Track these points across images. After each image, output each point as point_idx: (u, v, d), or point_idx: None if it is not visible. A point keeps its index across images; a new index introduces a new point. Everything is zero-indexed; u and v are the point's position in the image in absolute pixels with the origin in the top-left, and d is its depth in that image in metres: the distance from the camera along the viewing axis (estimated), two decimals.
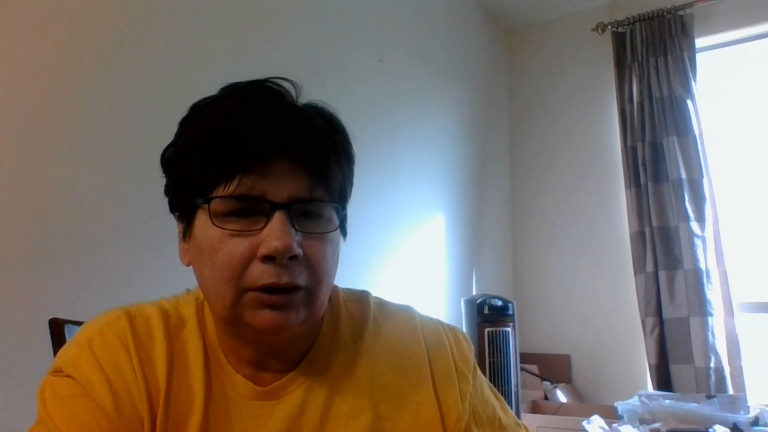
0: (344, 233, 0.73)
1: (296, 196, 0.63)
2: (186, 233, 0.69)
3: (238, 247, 0.62)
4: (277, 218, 0.62)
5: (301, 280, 0.63)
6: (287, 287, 0.62)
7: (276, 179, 0.63)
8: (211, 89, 0.70)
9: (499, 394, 0.82)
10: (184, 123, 0.69)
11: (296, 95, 0.69)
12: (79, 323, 0.78)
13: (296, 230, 0.63)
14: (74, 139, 1.37)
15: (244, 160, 0.62)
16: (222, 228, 0.63)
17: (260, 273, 0.62)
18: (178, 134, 0.69)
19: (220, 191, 0.63)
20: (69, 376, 0.66)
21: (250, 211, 0.63)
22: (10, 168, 1.25)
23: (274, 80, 0.68)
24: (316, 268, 0.64)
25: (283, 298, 0.62)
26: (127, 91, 1.48)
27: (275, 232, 0.61)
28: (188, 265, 0.69)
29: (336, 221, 0.67)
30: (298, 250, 0.62)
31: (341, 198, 0.69)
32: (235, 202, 0.63)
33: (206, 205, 0.63)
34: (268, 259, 0.61)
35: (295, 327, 0.64)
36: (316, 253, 0.64)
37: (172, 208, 0.70)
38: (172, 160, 0.68)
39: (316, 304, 0.66)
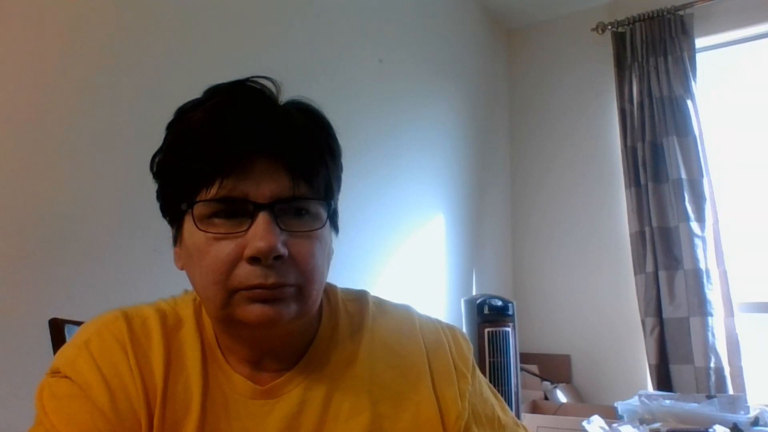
0: (336, 229, 0.72)
1: (279, 196, 0.63)
2: (177, 238, 0.69)
3: (224, 249, 0.62)
4: (261, 219, 0.62)
5: (290, 278, 0.63)
6: (274, 287, 0.62)
7: (257, 179, 0.63)
8: None
9: (498, 394, 0.82)
10: (170, 127, 0.69)
11: (277, 93, 0.68)
12: (79, 323, 0.78)
13: (281, 229, 0.63)
14: (74, 139, 1.37)
15: (223, 162, 0.62)
16: (206, 231, 0.63)
17: (246, 274, 0.62)
18: (164, 139, 0.69)
19: (202, 195, 0.63)
20: (67, 377, 0.66)
21: (235, 212, 0.63)
22: (10, 168, 1.25)
23: (255, 79, 0.68)
24: (304, 267, 0.64)
25: (272, 292, 0.62)
26: (127, 91, 1.49)
27: (259, 233, 0.61)
28: (182, 269, 0.69)
29: (323, 218, 0.67)
30: (283, 250, 0.62)
31: (327, 194, 0.68)
32: (218, 204, 0.63)
33: (190, 210, 0.64)
34: (253, 260, 0.61)
35: (287, 321, 0.64)
36: (303, 252, 0.64)
37: (163, 213, 0.70)
38: (159, 165, 0.68)
39: (308, 301, 0.66)
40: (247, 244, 0.61)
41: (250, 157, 0.63)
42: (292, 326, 0.67)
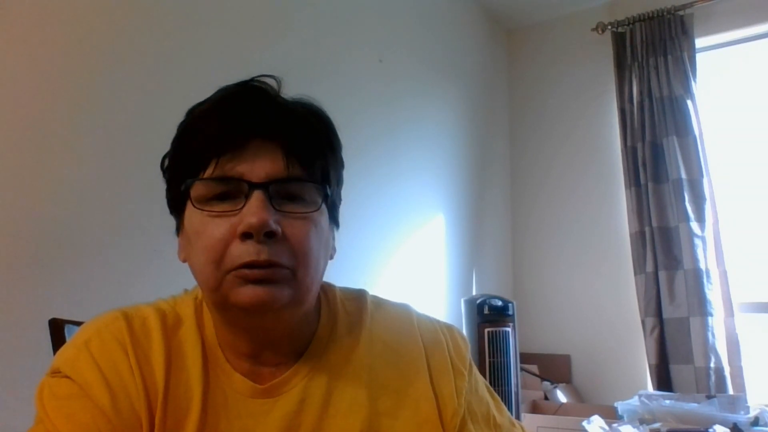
0: (335, 221, 0.74)
1: (274, 176, 0.64)
2: (179, 226, 0.70)
3: (218, 228, 0.63)
4: (255, 197, 0.63)
5: (283, 259, 0.63)
6: (266, 264, 0.62)
7: (252, 159, 0.64)
8: (211, 89, 0.71)
9: (495, 394, 0.82)
10: (179, 127, 0.71)
11: (278, 88, 0.70)
12: (79, 323, 0.78)
13: (276, 209, 0.64)
14: (74, 139, 1.37)
15: (218, 142, 0.64)
16: (202, 210, 0.64)
17: (239, 252, 0.62)
18: (173, 138, 0.71)
19: (201, 175, 0.65)
20: (67, 377, 0.66)
21: (231, 194, 0.64)
22: (10, 168, 1.25)
23: (259, 78, 0.70)
24: (298, 248, 0.64)
25: (264, 272, 0.63)
26: (128, 91, 1.49)
27: (252, 209, 0.62)
28: (184, 260, 0.70)
29: (319, 202, 0.67)
30: (276, 227, 0.63)
31: (324, 179, 0.69)
32: (214, 184, 0.64)
33: (188, 190, 0.65)
34: (246, 236, 0.62)
35: (281, 305, 0.64)
36: (297, 234, 0.64)
37: (170, 206, 0.71)
38: (167, 161, 0.71)
39: (302, 285, 0.66)
40: (241, 222, 0.62)
41: (245, 137, 0.64)
42: (288, 317, 0.67)
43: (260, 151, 0.64)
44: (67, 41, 1.38)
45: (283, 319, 0.67)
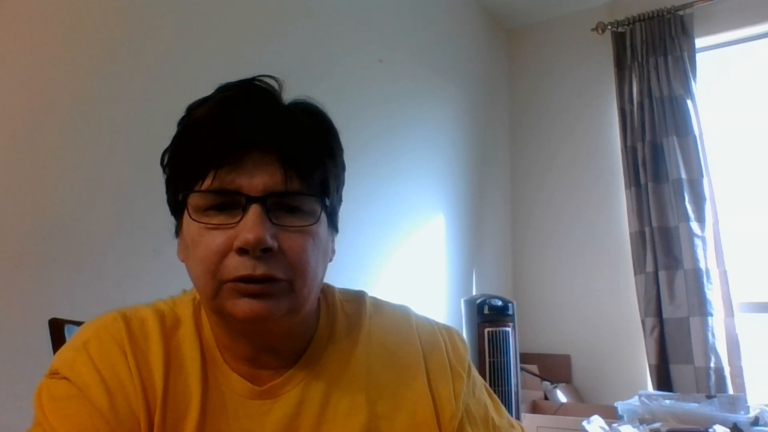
0: (335, 227, 0.73)
1: (272, 190, 0.63)
2: (178, 229, 0.70)
3: (215, 240, 0.63)
4: (252, 211, 0.62)
5: (279, 272, 0.63)
6: (262, 279, 0.62)
7: (250, 172, 0.63)
8: (211, 89, 0.71)
9: (495, 395, 0.82)
10: (179, 123, 0.70)
11: (280, 91, 0.70)
12: (79, 323, 0.78)
13: (273, 223, 0.63)
14: (74, 139, 1.37)
15: (216, 154, 0.63)
16: (199, 222, 0.64)
17: (236, 265, 0.62)
18: (174, 134, 0.70)
19: (198, 186, 0.64)
20: (65, 378, 0.66)
21: (229, 205, 0.64)
22: (10, 168, 1.25)
23: (261, 78, 0.69)
24: (296, 262, 0.64)
25: (260, 287, 0.63)
26: (128, 91, 1.49)
27: (248, 225, 0.62)
28: (183, 261, 0.70)
29: (317, 214, 0.67)
30: (272, 243, 0.62)
31: (323, 191, 0.68)
32: (212, 196, 0.64)
33: (186, 201, 0.65)
34: (242, 251, 0.62)
35: (277, 317, 0.64)
36: (294, 247, 0.64)
37: (169, 207, 0.71)
38: (167, 159, 0.70)
39: (300, 297, 0.66)
40: (237, 236, 0.62)
41: (244, 150, 0.63)
42: (286, 323, 0.67)
43: (259, 164, 0.64)
44: (66, 40, 1.38)
45: (281, 326, 0.67)
